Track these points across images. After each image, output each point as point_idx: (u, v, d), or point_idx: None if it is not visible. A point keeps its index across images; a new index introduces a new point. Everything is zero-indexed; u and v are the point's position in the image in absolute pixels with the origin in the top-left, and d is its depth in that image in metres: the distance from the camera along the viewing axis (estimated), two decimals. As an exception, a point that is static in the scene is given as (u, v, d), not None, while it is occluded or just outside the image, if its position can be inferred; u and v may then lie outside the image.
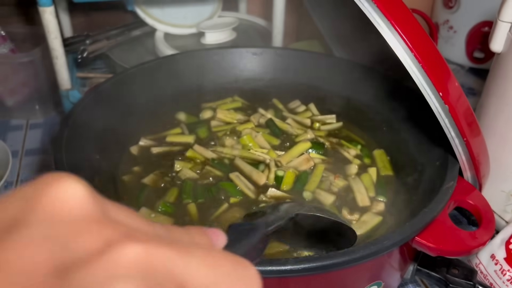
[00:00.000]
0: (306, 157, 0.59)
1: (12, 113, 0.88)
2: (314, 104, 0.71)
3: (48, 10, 0.68)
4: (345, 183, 0.56)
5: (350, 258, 0.38)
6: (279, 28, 0.89)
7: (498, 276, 0.53)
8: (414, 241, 0.43)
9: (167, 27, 0.88)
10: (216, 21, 0.90)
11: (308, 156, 0.59)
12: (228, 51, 0.72)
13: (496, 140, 0.58)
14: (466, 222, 0.67)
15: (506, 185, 0.60)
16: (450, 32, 1.03)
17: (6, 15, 0.96)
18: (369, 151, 0.63)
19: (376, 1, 0.42)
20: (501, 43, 0.56)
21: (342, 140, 0.64)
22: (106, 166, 0.56)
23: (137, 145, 0.61)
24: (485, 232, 0.45)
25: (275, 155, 0.60)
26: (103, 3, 0.95)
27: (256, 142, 0.62)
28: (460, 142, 0.46)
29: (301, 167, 0.58)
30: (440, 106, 0.44)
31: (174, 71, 0.68)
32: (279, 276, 0.37)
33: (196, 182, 0.55)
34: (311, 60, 0.72)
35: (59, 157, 0.47)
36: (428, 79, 0.43)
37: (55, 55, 0.72)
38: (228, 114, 0.68)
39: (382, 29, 0.43)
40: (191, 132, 0.64)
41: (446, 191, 0.46)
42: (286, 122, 0.67)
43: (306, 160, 0.59)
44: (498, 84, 0.58)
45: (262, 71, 0.73)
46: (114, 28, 0.92)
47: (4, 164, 0.69)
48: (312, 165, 0.58)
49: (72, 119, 0.53)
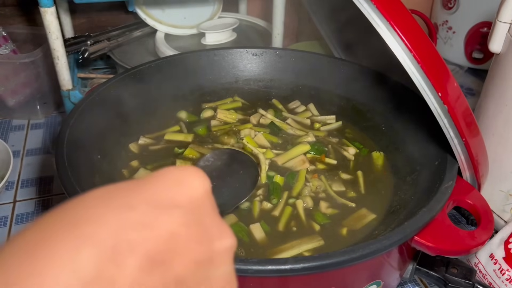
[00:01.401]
0: (302, 158, 0.59)
1: (13, 113, 0.88)
2: (314, 104, 0.72)
3: (49, 10, 0.68)
4: (320, 183, 0.56)
5: (349, 258, 0.38)
6: (279, 29, 0.89)
7: (497, 276, 0.54)
8: (413, 240, 0.43)
9: (167, 28, 0.89)
10: (216, 22, 0.91)
11: (304, 157, 0.59)
12: (229, 52, 0.72)
13: (495, 140, 0.59)
14: (465, 222, 0.67)
15: (505, 185, 0.60)
16: (449, 32, 1.04)
17: (8, 16, 0.96)
18: (368, 152, 0.63)
19: (375, 2, 0.43)
20: (500, 44, 0.56)
21: (344, 139, 0.65)
22: (107, 165, 0.56)
23: (137, 144, 0.61)
24: (484, 232, 0.45)
25: (273, 154, 0.60)
26: (104, 4, 0.96)
27: (255, 142, 0.62)
28: (459, 142, 0.46)
29: (296, 168, 0.59)
30: (439, 106, 0.44)
31: (175, 71, 0.69)
32: (278, 276, 0.38)
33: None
34: (311, 61, 0.72)
35: (60, 157, 0.47)
36: (427, 80, 0.43)
37: (56, 55, 0.73)
38: (228, 114, 0.68)
39: (381, 30, 0.43)
40: (190, 130, 0.65)
41: (445, 191, 0.46)
42: (286, 123, 0.67)
43: (301, 162, 0.59)
44: (497, 85, 0.58)
45: (262, 71, 0.73)
46: (115, 29, 0.92)
47: (5, 164, 0.69)
48: (307, 166, 0.59)
49: (73, 119, 0.53)
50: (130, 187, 0.21)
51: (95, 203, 0.20)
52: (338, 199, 0.55)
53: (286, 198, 0.54)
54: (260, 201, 0.54)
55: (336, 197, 0.55)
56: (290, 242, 0.49)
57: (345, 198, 0.55)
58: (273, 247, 0.48)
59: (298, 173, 0.58)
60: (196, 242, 0.21)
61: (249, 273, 0.36)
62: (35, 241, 0.18)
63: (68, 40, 0.86)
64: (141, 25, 0.92)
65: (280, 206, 0.53)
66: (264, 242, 0.49)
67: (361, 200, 0.55)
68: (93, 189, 0.21)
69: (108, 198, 0.20)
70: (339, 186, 0.57)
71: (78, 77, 0.86)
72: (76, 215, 0.19)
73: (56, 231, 0.18)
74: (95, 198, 0.20)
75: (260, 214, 0.52)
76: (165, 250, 0.20)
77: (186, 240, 0.21)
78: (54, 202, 0.71)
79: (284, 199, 0.54)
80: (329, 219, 0.52)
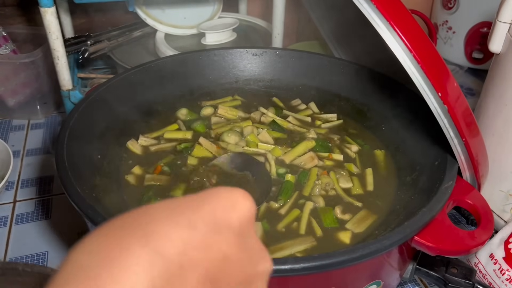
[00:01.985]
0: (310, 155, 0.59)
1: (13, 113, 0.88)
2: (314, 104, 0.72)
3: (50, 10, 0.68)
4: (329, 180, 0.56)
5: (349, 257, 0.38)
6: (279, 29, 0.89)
7: (497, 276, 0.54)
8: (413, 240, 0.43)
9: (167, 28, 0.89)
10: (216, 22, 0.91)
11: (313, 154, 0.59)
12: (229, 52, 0.72)
13: (495, 140, 0.59)
14: (465, 222, 0.67)
15: (505, 185, 0.60)
16: (449, 32, 1.04)
17: (8, 16, 0.96)
18: (370, 150, 0.63)
19: (375, 2, 0.43)
20: (499, 44, 0.56)
21: (346, 137, 0.65)
22: (107, 165, 0.56)
23: (137, 144, 0.61)
24: (484, 232, 0.45)
25: (280, 152, 0.60)
26: (104, 4, 0.96)
27: (259, 139, 0.62)
28: (459, 142, 0.46)
29: (306, 165, 0.59)
30: (439, 106, 0.44)
31: (175, 71, 0.69)
32: (278, 276, 0.38)
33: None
34: (311, 61, 0.72)
35: (60, 157, 0.47)
36: (427, 80, 0.43)
37: (57, 55, 0.73)
38: (229, 110, 0.68)
39: (381, 30, 0.43)
40: (188, 128, 0.65)
41: (445, 191, 0.46)
42: (287, 120, 0.67)
43: (310, 158, 0.59)
44: (497, 85, 0.58)
45: (262, 71, 0.73)
46: (115, 29, 0.92)
47: (5, 164, 0.69)
48: (316, 163, 0.59)
49: (74, 119, 0.53)
50: (189, 205, 0.22)
51: (159, 218, 0.21)
52: (346, 198, 0.55)
53: (296, 198, 0.54)
54: (268, 201, 0.53)
55: (344, 195, 0.55)
56: (284, 242, 0.48)
57: (352, 196, 0.55)
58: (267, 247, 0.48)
59: (310, 171, 0.58)
60: (243, 264, 0.23)
61: (249, 273, 0.36)
62: (108, 248, 0.19)
63: (68, 40, 0.86)
64: (141, 25, 0.92)
65: (287, 206, 0.53)
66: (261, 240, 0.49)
67: (365, 198, 0.55)
68: (156, 203, 0.22)
69: (170, 214, 0.21)
70: (347, 182, 0.57)
71: (78, 77, 0.86)
72: (145, 229, 0.20)
73: (129, 241, 0.19)
74: (158, 213, 0.21)
75: (265, 212, 0.52)
76: (218, 270, 0.21)
77: (235, 262, 0.22)
78: (54, 202, 0.71)
79: (293, 199, 0.54)
80: (338, 223, 0.51)
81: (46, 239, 0.65)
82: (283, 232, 0.50)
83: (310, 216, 0.52)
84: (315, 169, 0.58)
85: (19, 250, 0.63)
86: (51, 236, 0.66)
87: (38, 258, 0.62)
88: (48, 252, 0.63)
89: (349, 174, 0.58)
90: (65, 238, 0.65)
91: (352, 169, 0.59)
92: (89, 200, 0.43)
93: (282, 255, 0.47)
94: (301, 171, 0.58)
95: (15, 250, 0.63)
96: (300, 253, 0.47)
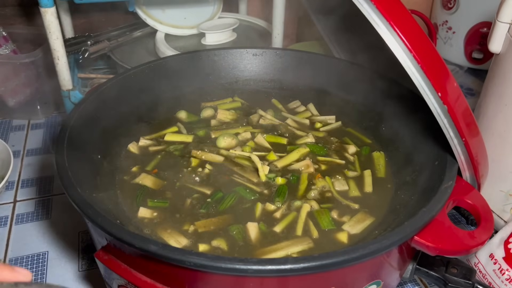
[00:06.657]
0: (306, 163, 0.59)
1: (13, 114, 0.88)
2: (314, 104, 0.72)
3: (50, 11, 0.68)
4: (325, 183, 0.56)
5: (349, 257, 0.38)
6: (279, 29, 0.89)
7: (497, 275, 0.54)
8: (413, 240, 0.43)
9: (167, 28, 0.89)
10: (216, 22, 0.91)
11: (309, 162, 0.59)
12: (229, 52, 0.73)
13: (495, 140, 0.59)
14: (465, 222, 0.67)
15: (504, 185, 0.60)
16: (449, 33, 1.04)
17: (8, 16, 0.97)
18: (369, 151, 0.63)
19: (375, 2, 0.43)
20: (499, 44, 0.57)
21: (344, 138, 0.65)
22: (107, 165, 0.56)
23: (137, 145, 0.61)
24: (483, 232, 0.45)
25: (275, 157, 0.60)
26: (104, 4, 0.96)
27: (255, 143, 0.62)
28: (458, 142, 0.46)
29: (302, 172, 0.58)
30: (439, 106, 0.44)
31: (175, 71, 0.69)
32: (278, 276, 0.38)
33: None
34: (311, 61, 0.72)
35: (60, 157, 0.47)
36: (427, 80, 0.43)
37: (57, 55, 0.73)
38: (228, 114, 0.68)
39: (381, 30, 0.43)
40: (189, 131, 0.65)
41: (445, 191, 0.46)
42: (286, 123, 0.67)
43: (306, 166, 0.59)
44: (497, 85, 0.58)
45: (262, 72, 0.73)
46: (115, 29, 0.92)
47: (6, 164, 0.69)
48: (312, 171, 0.58)
49: (74, 120, 0.53)
50: None
51: None
52: (343, 201, 0.55)
53: (292, 200, 0.54)
54: (263, 202, 0.53)
55: (340, 198, 0.55)
56: (280, 243, 0.48)
57: (348, 198, 0.55)
58: (263, 248, 0.48)
59: (301, 175, 0.57)
60: None
61: (249, 273, 0.36)
62: None
63: (68, 40, 0.86)
64: (141, 25, 0.92)
65: (283, 208, 0.53)
66: (257, 241, 0.49)
67: (363, 200, 0.55)
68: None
69: None
70: (342, 186, 0.57)
71: (78, 77, 0.86)
72: None
73: None
74: None
75: (262, 215, 0.52)
76: None
77: None
78: (54, 202, 0.71)
79: (289, 202, 0.54)
80: (335, 226, 0.51)
81: (46, 239, 0.65)
82: (280, 234, 0.50)
83: (307, 218, 0.52)
84: (305, 174, 0.58)
85: (19, 250, 0.63)
86: (51, 236, 0.66)
87: (38, 258, 0.62)
88: (48, 252, 0.63)
89: (345, 177, 0.58)
90: (65, 238, 0.65)
91: (348, 173, 0.59)
92: (89, 200, 0.43)
93: (277, 256, 0.47)
94: (291, 175, 0.57)
95: (15, 250, 0.63)
96: (296, 254, 0.47)
